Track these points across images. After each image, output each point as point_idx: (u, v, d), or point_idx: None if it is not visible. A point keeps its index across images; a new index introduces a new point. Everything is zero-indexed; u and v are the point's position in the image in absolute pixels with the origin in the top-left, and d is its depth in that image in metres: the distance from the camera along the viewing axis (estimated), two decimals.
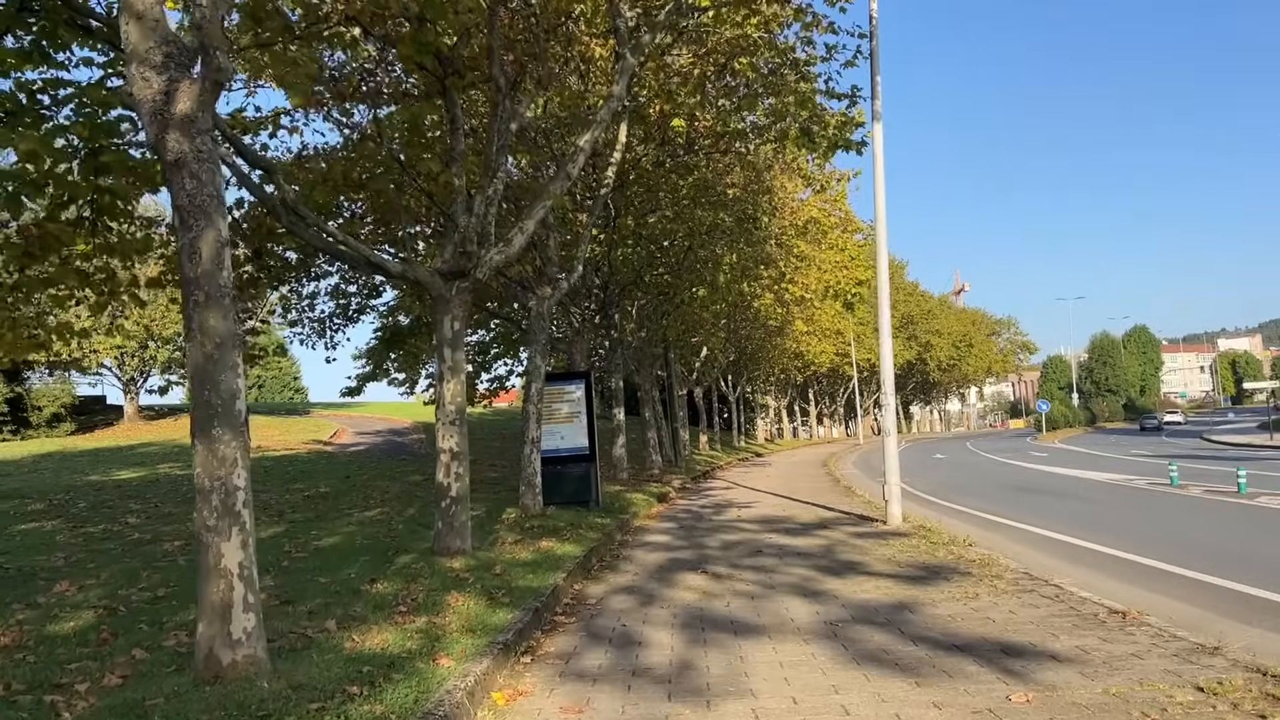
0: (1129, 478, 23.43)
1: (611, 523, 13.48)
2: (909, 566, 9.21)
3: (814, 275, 23.77)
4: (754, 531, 13.04)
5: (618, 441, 22.67)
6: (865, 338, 70.89)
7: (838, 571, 9.14)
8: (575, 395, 15.62)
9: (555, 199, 9.13)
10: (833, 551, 10.56)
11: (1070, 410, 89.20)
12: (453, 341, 9.27)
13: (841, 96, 13.97)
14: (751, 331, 37.76)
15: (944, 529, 12.01)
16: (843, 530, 12.66)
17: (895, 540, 11.17)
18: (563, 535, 11.50)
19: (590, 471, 15.40)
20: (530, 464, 13.57)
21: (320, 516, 13.06)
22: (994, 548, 10.68)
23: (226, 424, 4.78)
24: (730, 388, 48.53)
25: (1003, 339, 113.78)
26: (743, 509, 16.84)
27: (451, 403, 9.24)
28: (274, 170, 8.67)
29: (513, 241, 9.29)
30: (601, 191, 14.15)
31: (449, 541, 9.15)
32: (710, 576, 9.22)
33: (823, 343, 48.92)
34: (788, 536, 12.21)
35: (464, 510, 9.22)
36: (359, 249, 9.06)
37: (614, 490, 18.77)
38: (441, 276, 9.23)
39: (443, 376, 9.26)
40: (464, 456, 9.27)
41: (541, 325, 13.78)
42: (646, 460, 26.83)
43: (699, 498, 20.16)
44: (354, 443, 31.83)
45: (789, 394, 69.59)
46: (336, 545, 10.24)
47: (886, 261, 13.02)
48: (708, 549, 11.36)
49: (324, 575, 8.30)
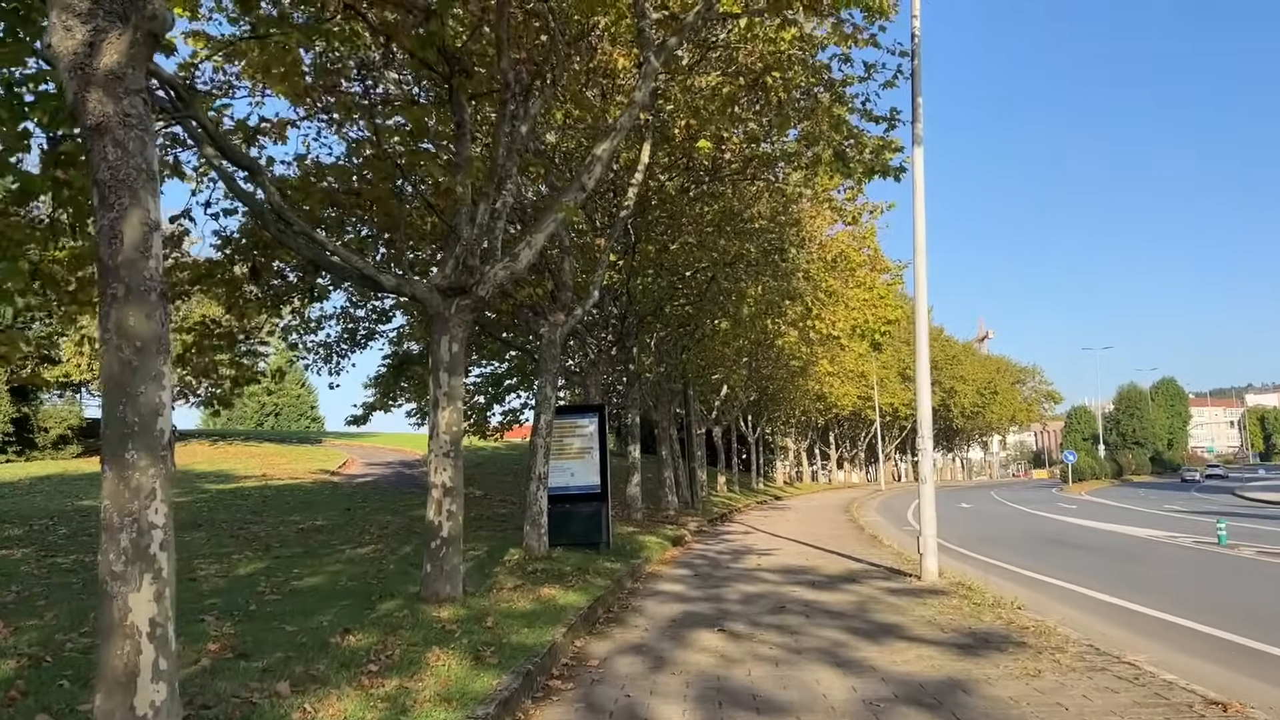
0: (1171, 534, 22.16)
1: (622, 568, 12.48)
2: (954, 632, 8.17)
3: (841, 313, 22.85)
4: (776, 583, 12.00)
5: (632, 480, 21.68)
6: (888, 381, 69.82)
7: (873, 635, 8.10)
8: (588, 430, 14.70)
9: (568, 211, 8.31)
10: (866, 610, 9.51)
11: (1097, 462, 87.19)
12: (450, 365, 8.40)
13: (879, 120, 13.15)
14: (774, 371, 36.77)
15: (986, 587, 10.93)
16: (874, 585, 11.59)
17: (933, 599, 10.11)
18: (568, 581, 10.52)
19: (601, 511, 14.44)
20: (536, 502, 12.62)
21: (309, 552, 12.14)
22: (1042, 610, 9.61)
23: (143, 446, 3.88)
24: (750, 428, 47.43)
25: (1027, 387, 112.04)
26: (763, 556, 15.78)
27: (446, 432, 8.33)
28: (259, 171, 7.88)
29: (520, 257, 8.43)
30: (621, 214, 13.32)
31: (438, 587, 8.20)
32: (729, 636, 8.21)
33: (846, 385, 47.83)
34: (814, 590, 11.17)
35: (456, 553, 8.28)
36: (349, 259, 8.23)
37: (626, 532, 17.77)
38: (440, 293, 8.38)
39: (437, 403, 8.37)
40: (458, 493, 8.35)
41: (553, 354, 12.90)
42: (662, 501, 25.78)
43: (716, 542, 19.10)
44: (362, 474, 30.96)
45: (809, 436, 68.30)
46: (317, 586, 9.31)
47: (925, 295, 12.09)
48: (726, 602, 10.34)
49: (294, 622, 7.36)
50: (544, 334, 12.85)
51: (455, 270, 8.43)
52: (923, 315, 12.07)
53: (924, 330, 12.04)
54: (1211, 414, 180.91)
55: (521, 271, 8.49)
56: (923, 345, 12.05)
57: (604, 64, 11.92)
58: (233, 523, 15.36)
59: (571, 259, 13.11)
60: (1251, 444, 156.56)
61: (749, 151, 14.30)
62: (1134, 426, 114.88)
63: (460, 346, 8.49)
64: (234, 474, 26.00)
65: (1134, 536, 21.93)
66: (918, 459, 12.06)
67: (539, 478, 12.70)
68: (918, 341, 12.10)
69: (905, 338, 68.41)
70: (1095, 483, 78.38)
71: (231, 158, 7.75)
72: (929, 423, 11.98)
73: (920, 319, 12.05)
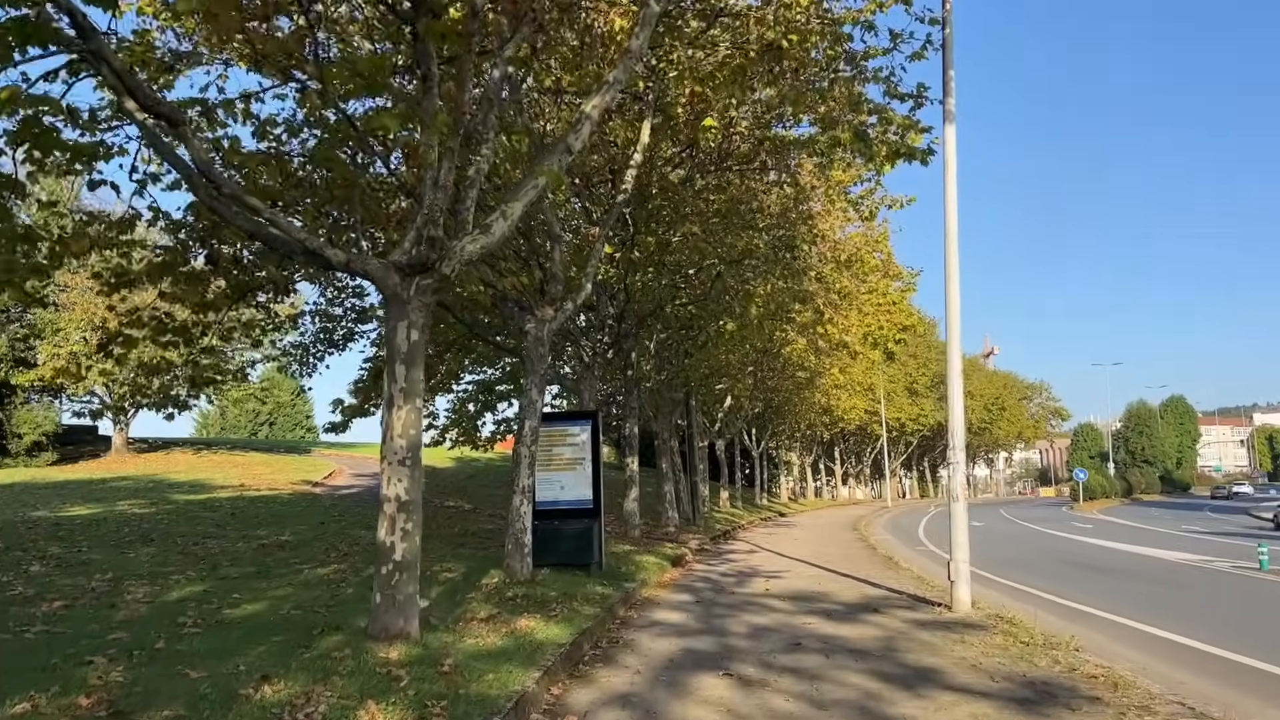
0: (1205, 558, 20.72)
1: (614, 593, 11.12)
2: (1007, 680, 6.80)
3: (854, 318, 21.51)
4: (788, 612, 10.63)
5: (630, 495, 20.31)
6: (895, 396, 68.35)
7: (910, 684, 6.74)
8: (579, 438, 13.36)
9: (552, 178, 7.02)
10: (895, 649, 8.14)
11: (1107, 480, 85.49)
12: (408, 357, 7.07)
13: (905, 97, 11.84)
14: (780, 382, 35.41)
15: (1029, 622, 9.55)
16: (899, 616, 10.22)
17: (972, 635, 8.74)
18: (550, 610, 9.17)
19: (593, 528, 13.08)
20: (519, 518, 11.28)
21: (262, 572, 10.79)
22: (1095, 649, 8.26)
23: None
24: (754, 442, 46.01)
25: (1034, 404, 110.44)
26: (771, 580, 14.41)
27: (402, 436, 7.00)
28: (179, 120, 6.59)
29: (492, 229, 7.12)
30: (618, 199, 12.02)
31: (388, 621, 6.84)
32: (736, 683, 6.86)
33: (854, 398, 46.41)
34: (831, 622, 9.79)
35: (411, 580, 6.94)
36: (291, 231, 6.93)
37: (622, 550, 16.40)
38: (397, 271, 7.07)
39: (392, 402, 7.05)
40: (415, 508, 7.01)
41: (540, 353, 11.57)
42: (662, 517, 24.39)
43: (719, 563, 17.72)
44: (347, 484, 29.58)
45: (814, 451, 66.83)
46: (253, 616, 7.96)
47: (958, 290, 10.76)
48: (731, 636, 8.97)
49: (204, 665, 6.01)
50: (530, 330, 11.53)
51: (415, 244, 7.12)
52: (955, 311, 10.74)
53: (956, 327, 10.72)
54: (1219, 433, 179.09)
55: (495, 246, 7.18)
56: (955, 345, 10.72)
57: (598, 30, 10.62)
58: (190, 537, 14.01)
59: (562, 248, 11.80)
60: (1260, 463, 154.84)
61: (759, 134, 13.00)
62: (1143, 445, 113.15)
63: (421, 335, 7.17)
64: (210, 484, 24.66)
65: (1164, 560, 20.52)
66: (947, 472, 10.68)
67: (523, 491, 11.36)
68: (950, 340, 10.77)
69: (913, 351, 67.14)
70: (1105, 501, 76.81)
71: (145, 102, 6.46)
72: (962, 432, 10.62)
73: (952, 314, 10.72)
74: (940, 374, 78.39)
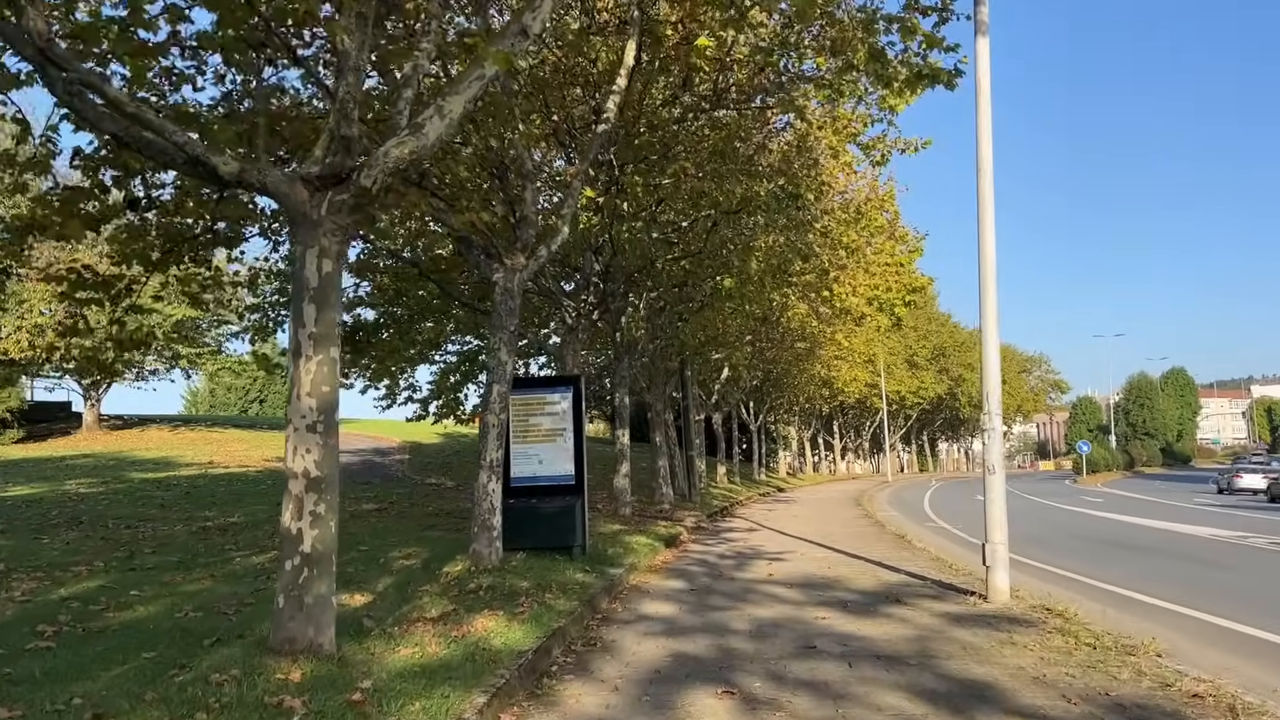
0: (1237, 534, 19.32)
1: (597, 581, 9.67)
2: (1086, 700, 5.32)
3: (861, 278, 19.97)
4: (796, 603, 9.17)
5: (621, 470, 18.84)
6: (895, 368, 66.88)
7: (960, 705, 5.27)
8: (560, 407, 11.86)
9: (501, 62, 5.48)
10: (932, 654, 6.67)
11: (1109, 453, 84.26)
12: (319, 293, 5.55)
13: (929, 11, 10.27)
14: (779, 353, 33.89)
15: (1083, 615, 8.09)
16: (927, 608, 8.75)
17: (1021, 634, 7.27)
18: (517, 605, 7.71)
19: (575, 507, 11.61)
20: (486, 497, 9.79)
21: (184, 562, 9.32)
22: (1169, 646, 6.80)
23: None
24: (752, 415, 44.55)
25: (1033, 377, 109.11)
26: (774, 562, 12.97)
27: (311, 395, 5.48)
28: None
29: (425, 129, 5.56)
30: (599, 128, 10.46)
31: (294, 630, 5.35)
32: (740, 704, 5.39)
33: (854, 369, 44.91)
34: (849, 616, 8.33)
35: (323, 576, 5.43)
36: (165, 132, 5.37)
37: (611, 530, 14.96)
38: (306, 184, 5.53)
39: (299, 351, 5.52)
40: (329, 486, 5.50)
41: (510, 307, 10.03)
42: (656, 493, 22.95)
43: (717, 542, 16.29)
44: None
45: (813, 425, 65.43)
46: (139, 622, 6.47)
47: (992, 224, 9.23)
48: (731, 635, 7.51)
49: (28, 694, 4.52)
50: (498, 281, 9.98)
51: (328, 150, 5.57)
52: (989, 254, 9.21)
53: (991, 272, 9.18)
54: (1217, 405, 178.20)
55: (429, 150, 5.62)
56: (990, 294, 9.18)
57: None
58: (125, 520, 12.55)
59: (535, 187, 10.25)
60: (1259, 435, 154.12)
61: (760, 61, 11.39)
62: (1144, 417, 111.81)
63: (337, 266, 5.64)
64: (176, 461, 23.20)
65: (1195, 536, 19.11)
66: (983, 439, 9.17)
67: (490, 466, 9.86)
68: (983, 289, 9.23)
69: (913, 323, 65.54)
70: (1108, 474, 75.57)
71: None
72: (998, 394, 9.12)
73: (986, 258, 9.19)
74: (940, 346, 77.12)
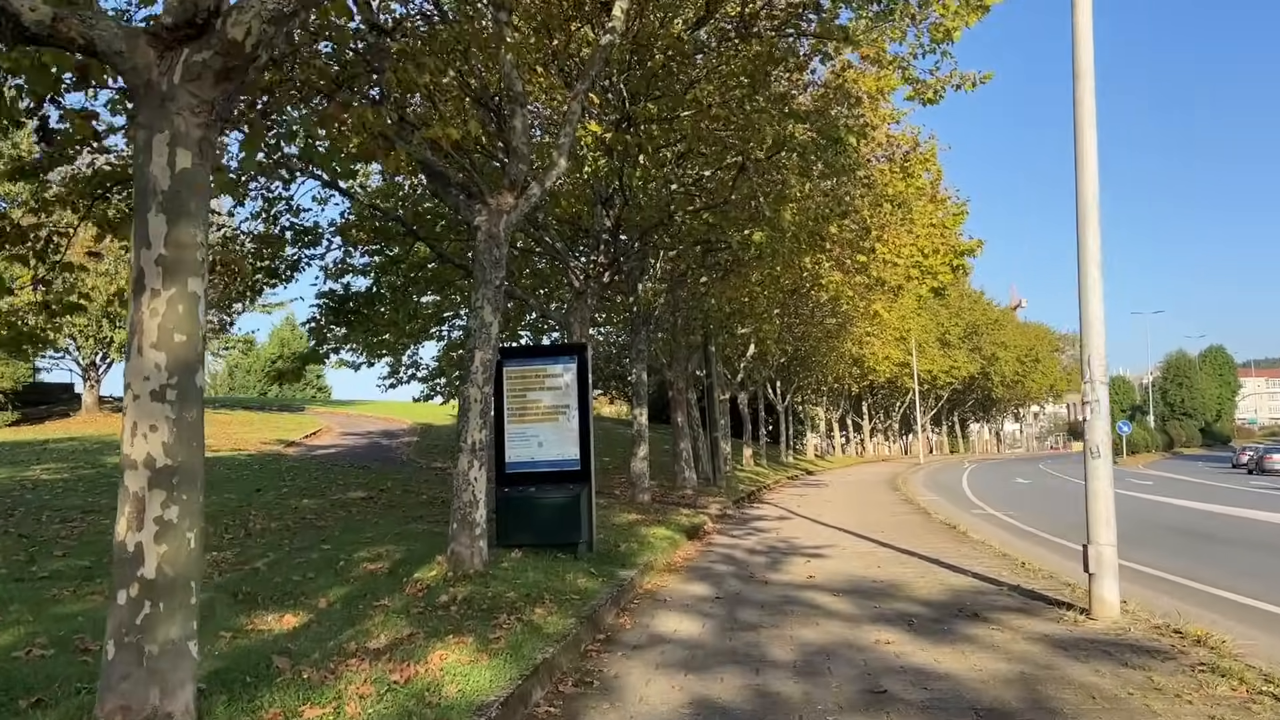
0: None
1: (602, 588, 7.95)
2: None
3: (905, 239, 18.00)
4: (849, 618, 7.39)
5: (638, 453, 17.12)
6: (927, 347, 64.53)
7: None
8: (562, 380, 10.13)
9: None
10: (1047, 704, 4.86)
11: (1148, 433, 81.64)
12: (170, 200, 3.80)
13: None
14: (809, 329, 31.97)
15: (1230, 642, 6.24)
16: (1015, 627, 6.93)
17: (1158, 669, 5.44)
18: (494, 626, 6.00)
19: (580, 497, 9.91)
20: (468, 486, 8.07)
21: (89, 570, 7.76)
22: None
23: None
24: (779, 395, 42.67)
25: (1066, 356, 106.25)
26: (813, 560, 11.20)
27: (159, 347, 3.75)
28: None
29: None
30: (604, 39, 8.63)
31: (129, 693, 3.62)
32: None
33: (886, 347, 42.86)
34: (919, 640, 6.53)
35: (175, 616, 3.70)
36: None
37: (626, 521, 13.25)
38: (152, 40, 3.78)
39: (141, 282, 3.78)
40: (187, 483, 3.75)
41: (495, 257, 8.27)
42: (678, 478, 21.24)
43: (745, 533, 14.53)
44: (331, 444, 26.62)
45: (841, 406, 63.42)
46: None
47: (1093, 139, 7.35)
48: (770, 670, 5.74)
49: None
50: (481, 225, 8.21)
51: None
52: (1089, 164, 7.31)
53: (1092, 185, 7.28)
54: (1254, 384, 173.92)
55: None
56: (1090, 217, 7.28)
57: None
58: (66, 511, 11.00)
59: (525, 114, 8.46)
60: None
61: None
62: (1183, 396, 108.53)
63: (200, 161, 3.89)
64: None
65: (1270, 523, 17.12)
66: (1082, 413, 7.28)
67: (472, 450, 8.13)
68: (1082, 214, 7.33)
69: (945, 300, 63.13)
70: (1147, 455, 73.16)
71: None
72: (1102, 354, 7.22)
73: (1086, 173, 7.29)
74: (975, 324, 74.54)
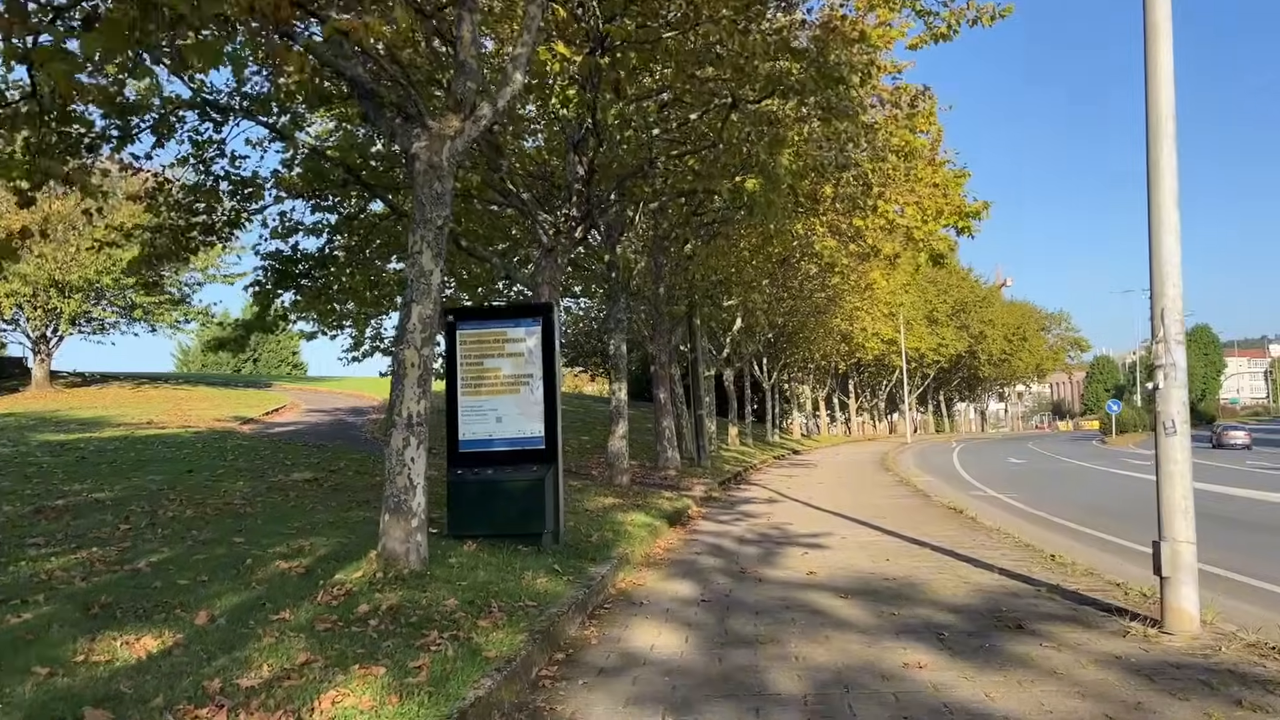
0: None
1: (566, 590, 6.58)
2: None
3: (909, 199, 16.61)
4: (864, 630, 6.05)
5: (617, 430, 15.76)
6: (915, 324, 63.34)
7: None
8: (525, 345, 8.74)
9: None
10: None
11: (1136, 413, 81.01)
12: None
13: None
14: (797, 303, 30.66)
15: None
16: (1073, 644, 5.60)
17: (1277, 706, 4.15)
18: (423, 648, 4.64)
19: (545, 481, 8.53)
20: (404, 469, 6.67)
21: None
22: None
23: None
24: (765, 373, 41.40)
25: (1052, 334, 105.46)
26: (811, 550, 9.88)
27: None
28: None
29: None
30: None
31: None
32: None
33: (876, 322, 41.60)
34: (958, 663, 5.20)
35: None
36: None
37: (602, 506, 11.92)
38: None
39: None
40: None
41: (436, 192, 6.83)
42: (660, 457, 19.90)
43: (734, 519, 13.22)
44: (291, 421, 25.13)
45: (828, 384, 62.26)
46: None
47: (1168, 53, 5.98)
48: (775, 707, 4.40)
49: None
50: (419, 153, 6.77)
51: None
52: (1164, 90, 5.95)
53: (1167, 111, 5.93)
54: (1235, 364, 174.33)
55: None
56: (1163, 142, 5.93)
57: None
58: None
59: (474, 21, 7.02)
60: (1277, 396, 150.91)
61: None
62: None
63: None
64: (108, 421, 20.20)
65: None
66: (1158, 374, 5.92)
67: (408, 423, 6.72)
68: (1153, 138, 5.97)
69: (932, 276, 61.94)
70: (1135, 435, 72.40)
71: None
72: (1178, 308, 5.87)
73: (1159, 94, 5.94)
74: (963, 301, 73.43)
